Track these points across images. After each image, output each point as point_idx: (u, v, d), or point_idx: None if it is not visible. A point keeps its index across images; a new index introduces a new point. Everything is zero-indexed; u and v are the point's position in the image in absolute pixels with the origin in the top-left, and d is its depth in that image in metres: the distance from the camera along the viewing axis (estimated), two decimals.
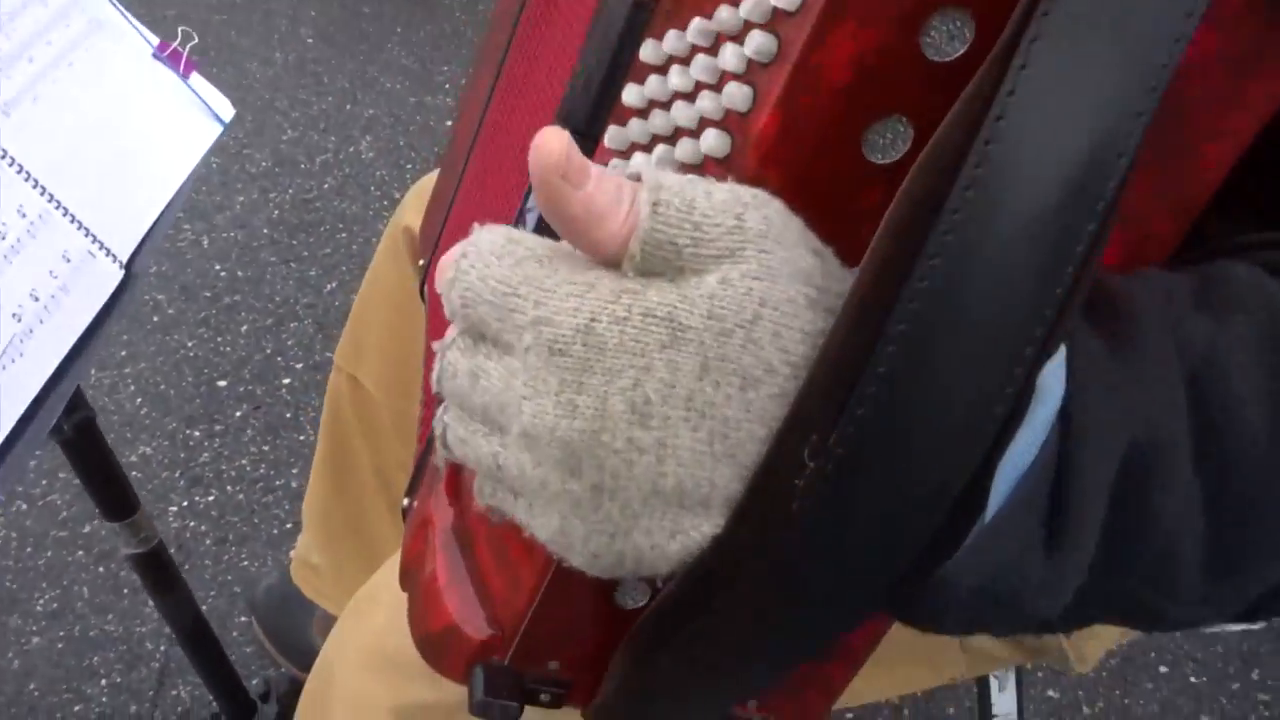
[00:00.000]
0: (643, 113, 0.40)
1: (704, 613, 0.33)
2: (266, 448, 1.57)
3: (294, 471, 1.53)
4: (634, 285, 0.31)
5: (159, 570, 0.94)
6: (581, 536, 0.32)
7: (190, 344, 1.72)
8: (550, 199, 0.31)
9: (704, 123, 0.37)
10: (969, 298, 0.28)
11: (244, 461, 1.55)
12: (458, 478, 0.49)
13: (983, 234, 0.28)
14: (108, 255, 0.74)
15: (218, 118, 0.88)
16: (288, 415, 1.62)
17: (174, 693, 1.26)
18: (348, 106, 2.34)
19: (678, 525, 0.32)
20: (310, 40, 2.52)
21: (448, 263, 0.34)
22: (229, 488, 1.51)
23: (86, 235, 0.73)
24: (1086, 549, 0.33)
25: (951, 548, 0.31)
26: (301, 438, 1.58)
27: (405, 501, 0.56)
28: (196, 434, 1.58)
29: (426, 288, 0.70)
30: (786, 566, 0.31)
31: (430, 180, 0.95)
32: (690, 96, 0.38)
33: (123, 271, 0.75)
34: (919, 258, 0.28)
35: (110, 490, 0.88)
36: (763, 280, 0.31)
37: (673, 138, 0.39)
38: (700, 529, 0.32)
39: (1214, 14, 0.29)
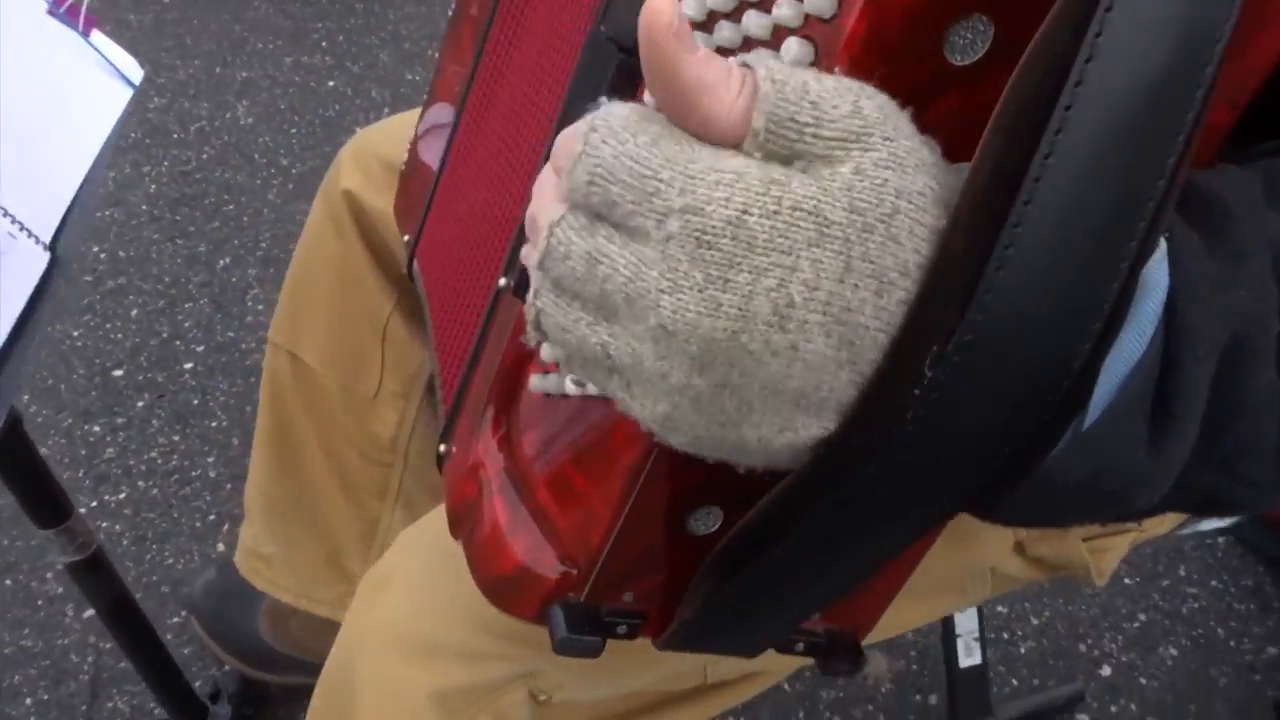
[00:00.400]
0: (704, 25, 0.38)
1: (803, 521, 0.33)
2: (176, 438, 1.48)
3: (210, 460, 1.45)
4: (780, 175, 0.29)
5: (98, 576, 0.87)
6: (689, 424, 0.31)
7: (76, 333, 1.61)
8: (663, 65, 0.29)
9: (780, 31, 0.35)
10: (1083, 193, 0.28)
11: (154, 454, 1.45)
12: (506, 423, 0.47)
13: (1096, 126, 0.27)
14: (30, 237, 0.67)
15: (127, 80, 0.80)
16: (195, 402, 1.52)
17: (110, 705, 1.18)
18: (217, 69, 2.20)
19: (789, 423, 0.31)
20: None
21: (573, 135, 0.30)
22: (141, 483, 1.42)
23: (4, 216, 0.66)
24: (1189, 443, 0.33)
25: (1050, 446, 0.31)
26: (214, 424, 1.50)
27: (441, 448, 0.53)
28: (97, 429, 1.48)
29: (416, 262, 0.66)
30: (895, 470, 0.30)
31: (368, 140, 0.89)
32: (762, 5, 0.36)
33: (48, 254, 0.68)
34: (1032, 156, 0.28)
35: (41, 495, 0.81)
36: (894, 170, 0.29)
37: (741, 49, 0.37)
38: (810, 429, 0.31)
39: None
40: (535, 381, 0.45)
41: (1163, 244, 0.33)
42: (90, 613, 1.23)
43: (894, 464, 0.30)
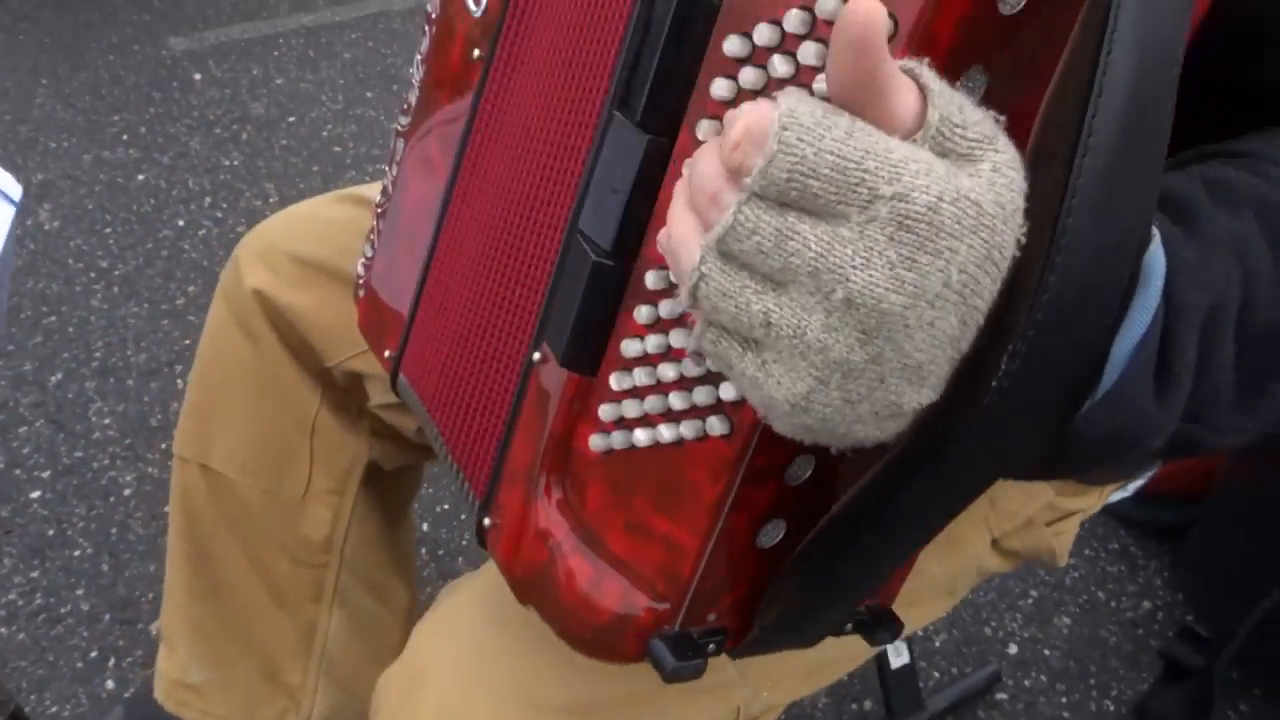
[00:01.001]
0: (737, 102, 0.40)
1: (897, 498, 0.38)
2: (35, 574, 1.36)
3: (79, 593, 1.34)
4: (949, 166, 0.32)
5: None
6: (824, 401, 0.34)
7: None
8: (870, 58, 0.31)
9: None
10: (1103, 212, 0.33)
11: (13, 596, 1.33)
12: (562, 487, 0.49)
13: (1110, 140, 0.33)
14: None
15: (7, 197, 0.75)
16: (50, 532, 1.40)
17: None
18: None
19: (900, 395, 0.34)
20: None
21: (757, 134, 0.32)
22: (3, 630, 1.29)
23: None
24: (1185, 394, 0.40)
25: (1081, 403, 0.37)
26: (76, 553, 1.38)
27: (486, 521, 0.54)
28: None
29: (403, 374, 0.64)
30: (975, 441, 0.35)
31: (268, 236, 0.86)
32: (799, 80, 0.38)
33: None
34: (1065, 183, 0.33)
35: None
36: (1016, 171, 0.33)
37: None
38: (920, 397, 0.35)
39: None
40: (597, 441, 0.47)
41: (1156, 234, 0.38)
42: None
43: (977, 433, 0.35)
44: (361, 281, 0.71)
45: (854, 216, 0.32)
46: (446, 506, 1.49)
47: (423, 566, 1.39)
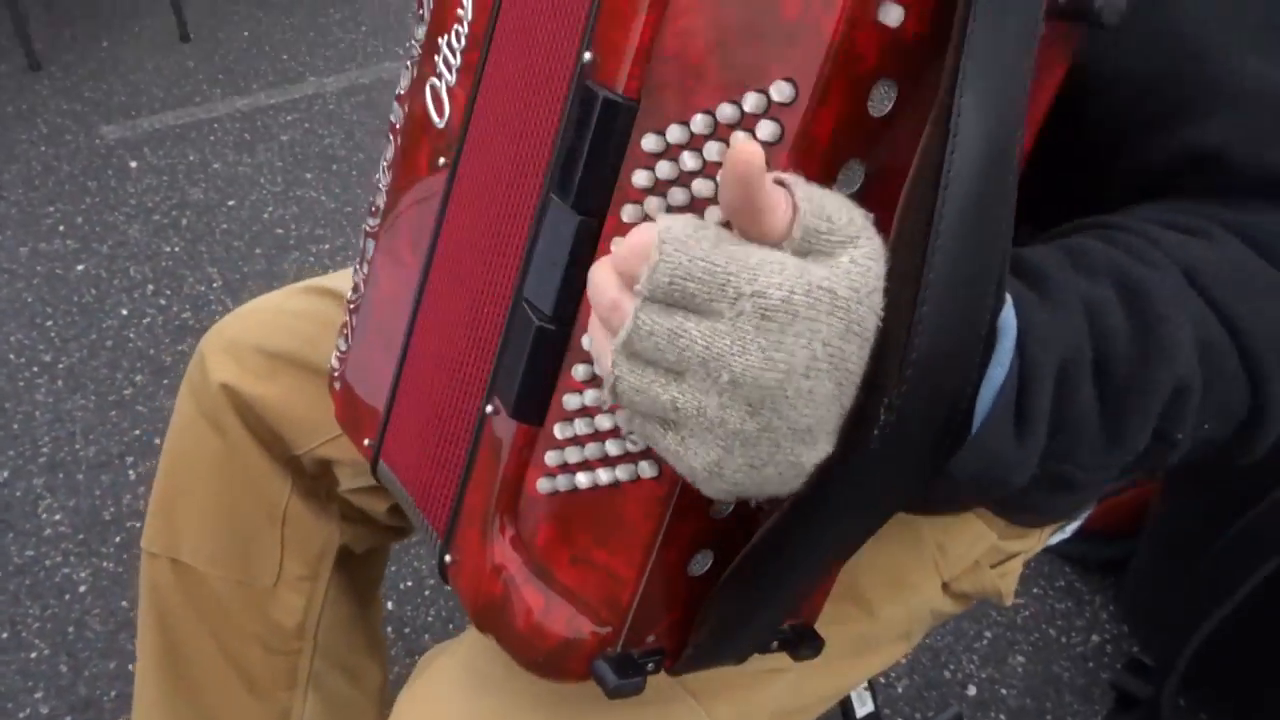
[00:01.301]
0: (654, 190, 0.47)
1: (806, 529, 0.44)
2: None
3: (38, 696, 1.31)
4: (803, 263, 0.39)
5: None
6: (733, 467, 0.41)
7: None
8: (751, 191, 0.38)
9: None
10: (958, 276, 0.40)
11: None
12: (513, 525, 0.55)
13: (956, 224, 0.40)
14: None
15: None
16: (4, 635, 1.38)
17: None
18: None
19: (797, 455, 0.41)
20: None
21: (640, 249, 0.39)
22: None
23: None
24: (1042, 437, 0.46)
25: (952, 454, 0.44)
26: (33, 655, 1.36)
27: (447, 558, 0.59)
28: None
29: (383, 461, 0.67)
30: (866, 480, 0.42)
31: (232, 331, 0.88)
32: (705, 174, 0.45)
33: None
34: (923, 253, 0.40)
35: None
36: (874, 261, 0.40)
37: (688, 207, 0.46)
38: (816, 453, 0.41)
39: None
40: (544, 484, 0.53)
41: (1009, 299, 0.45)
42: None
43: (865, 476, 0.42)
44: (337, 374, 0.73)
45: (726, 312, 0.38)
46: (410, 584, 1.49)
47: (390, 645, 1.39)
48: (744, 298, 0.38)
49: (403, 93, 0.63)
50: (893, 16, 0.40)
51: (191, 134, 2.48)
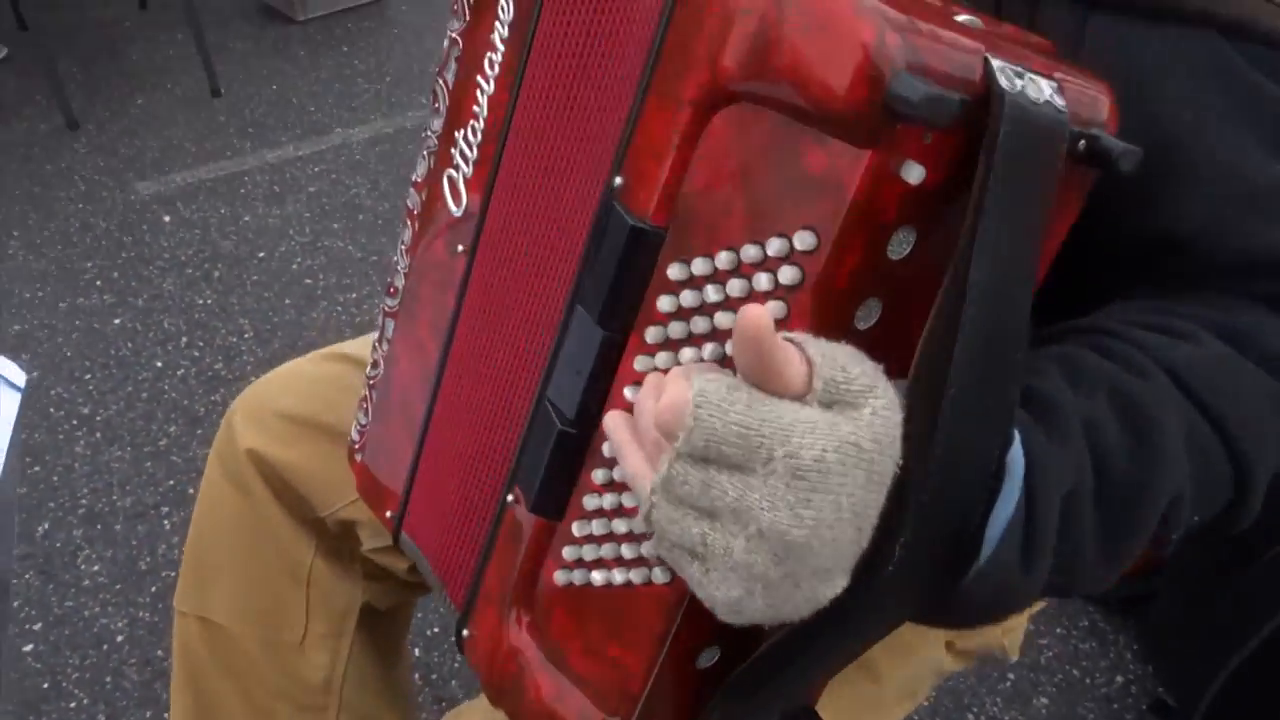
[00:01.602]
0: (678, 315, 0.48)
1: (815, 643, 0.46)
2: None
3: None
4: (830, 418, 0.41)
5: None
6: (754, 607, 0.42)
7: None
8: (763, 350, 0.40)
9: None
10: (964, 429, 0.42)
11: None
12: (530, 612, 0.57)
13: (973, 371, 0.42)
14: None
15: (12, 385, 0.80)
16: (44, 685, 1.42)
17: None
18: None
19: (815, 592, 0.42)
20: None
21: (677, 409, 0.41)
22: None
23: None
24: (1048, 565, 0.48)
25: (960, 579, 0.46)
26: (71, 705, 1.40)
27: (465, 632, 0.62)
28: None
29: (404, 533, 0.71)
30: (878, 606, 0.45)
31: (259, 397, 0.91)
32: (727, 306, 0.46)
33: None
34: (944, 388, 0.41)
35: None
36: (892, 411, 0.42)
37: (710, 336, 0.47)
38: (832, 589, 0.43)
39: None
40: (560, 576, 0.55)
41: (1017, 436, 0.46)
42: None
43: (874, 602, 0.44)
44: (357, 446, 0.76)
45: (759, 470, 0.40)
46: (437, 630, 1.52)
47: (417, 691, 1.42)
48: (776, 459, 0.40)
49: (420, 180, 0.66)
50: (914, 175, 0.42)
51: (222, 187, 2.54)
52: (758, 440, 0.40)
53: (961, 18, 0.46)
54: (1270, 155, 0.51)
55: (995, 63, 0.42)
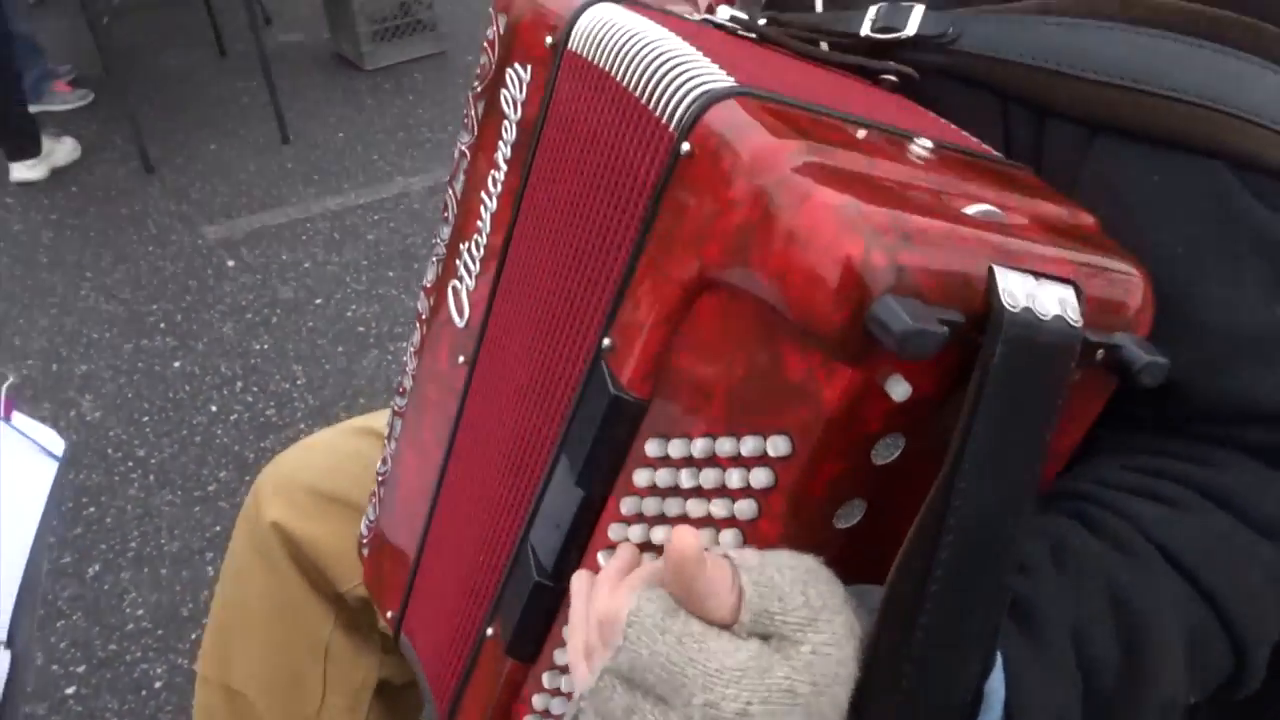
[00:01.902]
0: (652, 492, 0.48)
1: None
2: None
3: None
4: (762, 663, 0.39)
5: None
6: None
7: None
8: (690, 578, 0.39)
9: (710, 520, 0.45)
10: (943, 660, 0.40)
11: None
12: None
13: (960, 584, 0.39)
14: None
15: (49, 453, 0.83)
16: None
17: None
18: (54, 367, 2.17)
19: None
20: None
21: (613, 622, 0.40)
22: None
23: None
24: None
25: None
26: None
27: None
28: None
29: (404, 635, 0.72)
30: None
31: (286, 469, 0.94)
32: (700, 495, 0.46)
33: (7, 652, 0.69)
34: (918, 614, 0.39)
35: None
36: (835, 647, 0.40)
37: (681, 519, 0.46)
38: None
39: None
40: None
41: (999, 660, 0.44)
42: None
43: None
44: (365, 541, 0.78)
45: (679, 708, 0.39)
46: None
47: None
48: (694, 706, 0.38)
49: (429, 285, 0.68)
50: (899, 392, 0.38)
51: (286, 233, 2.62)
52: (680, 680, 0.39)
53: (977, 209, 0.42)
54: (1269, 298, 0.50)
55: (1001, 274, 0.39)
